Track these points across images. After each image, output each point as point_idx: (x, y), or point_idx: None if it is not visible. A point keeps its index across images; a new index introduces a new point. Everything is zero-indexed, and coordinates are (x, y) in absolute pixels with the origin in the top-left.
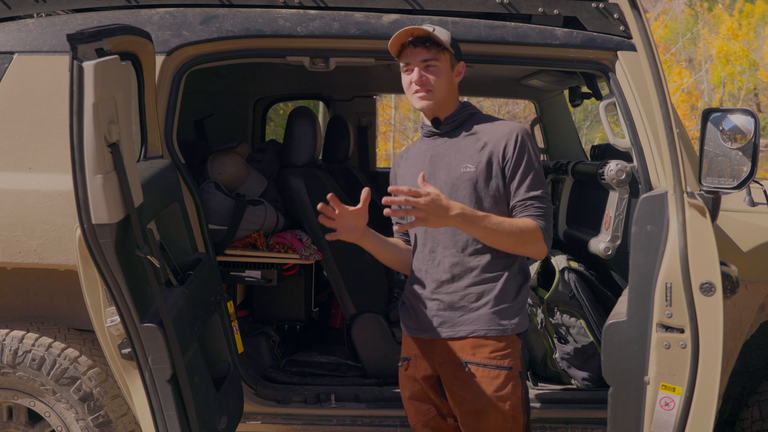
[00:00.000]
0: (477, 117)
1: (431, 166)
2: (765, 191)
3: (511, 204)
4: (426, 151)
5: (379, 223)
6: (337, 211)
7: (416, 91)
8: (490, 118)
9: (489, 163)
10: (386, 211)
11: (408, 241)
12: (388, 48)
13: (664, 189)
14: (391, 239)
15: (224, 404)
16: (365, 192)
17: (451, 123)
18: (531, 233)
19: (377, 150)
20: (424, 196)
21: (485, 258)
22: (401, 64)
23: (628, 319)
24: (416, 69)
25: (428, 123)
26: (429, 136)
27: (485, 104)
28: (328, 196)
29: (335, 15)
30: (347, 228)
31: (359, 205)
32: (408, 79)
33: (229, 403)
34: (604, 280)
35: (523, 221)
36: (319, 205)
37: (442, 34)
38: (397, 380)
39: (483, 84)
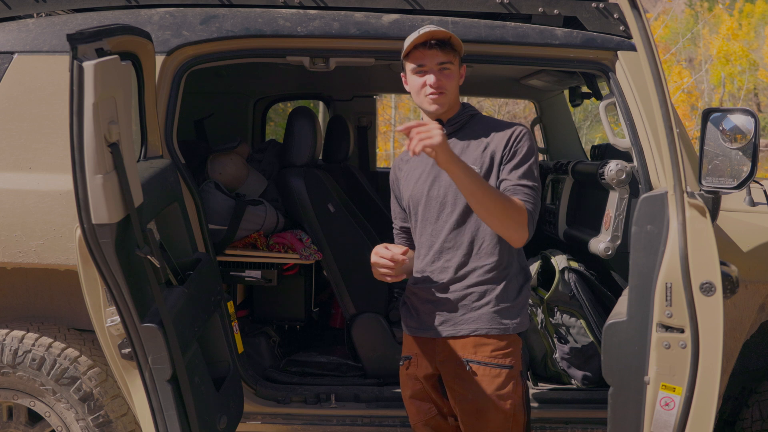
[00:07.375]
0: (478, 118)
1: (435, 168)
2: (765, 191)
3: (502, 187)
4: None
5: (380, 222)
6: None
7: (431, 94)
8: (491, 120)
9: (491, 163)
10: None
11: (409, 242)
12: (388, 48)
13: (664, 189)
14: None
15: (224, 404)
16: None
17: (454, 125)
18: (517, 211)
19: (377, 150)
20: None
21: (489, 259)
22: (411, 65)
23: (628, 319)
24: (433, 72)
25: None
26: None
27: (485, 104)
28: (394, 257)
29: (335, 15)
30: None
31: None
32: (421, 81)
33: (229, 403)
34: (604, 280)
35: (513, 198)
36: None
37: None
38: (397, 380)
39: (483, 84)
